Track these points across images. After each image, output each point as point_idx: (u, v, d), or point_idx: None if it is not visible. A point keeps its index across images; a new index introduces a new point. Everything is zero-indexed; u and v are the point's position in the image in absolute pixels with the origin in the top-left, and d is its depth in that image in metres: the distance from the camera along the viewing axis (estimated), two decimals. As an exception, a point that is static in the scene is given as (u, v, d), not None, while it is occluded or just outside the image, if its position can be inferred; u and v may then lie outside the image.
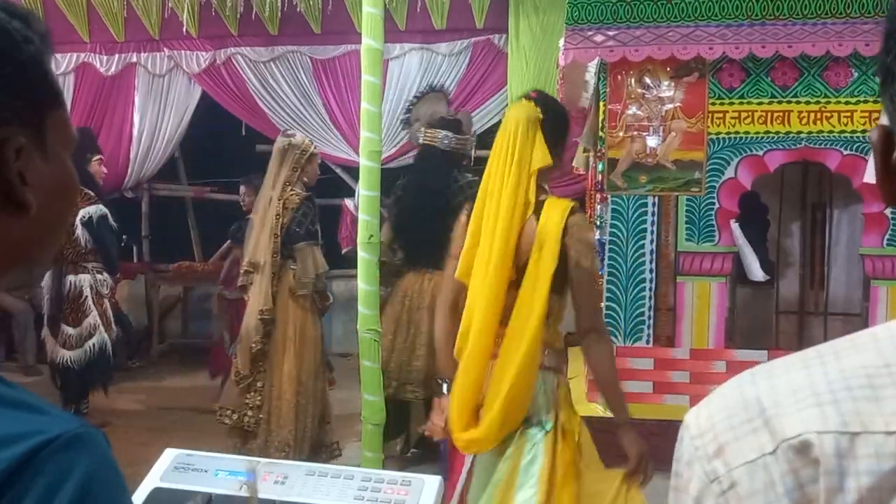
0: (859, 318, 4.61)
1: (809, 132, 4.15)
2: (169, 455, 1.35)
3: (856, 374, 0.56)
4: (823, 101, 4.15)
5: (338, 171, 7.36)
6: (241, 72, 7.04)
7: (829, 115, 4.14)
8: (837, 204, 4.98)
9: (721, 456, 0.57)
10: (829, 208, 5.21)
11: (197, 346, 7.17)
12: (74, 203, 0.79)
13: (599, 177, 4.35)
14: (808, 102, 4.16)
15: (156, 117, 7.18)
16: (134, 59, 7.14)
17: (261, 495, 1.23)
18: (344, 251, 6.96)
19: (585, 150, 4.97)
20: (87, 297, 5.00)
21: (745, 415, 0.58)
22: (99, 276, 5.10)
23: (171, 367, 7.04)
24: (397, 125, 6.75)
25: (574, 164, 5.54)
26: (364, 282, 2.98)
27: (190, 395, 6.04)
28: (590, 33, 4.13)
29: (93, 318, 4.98)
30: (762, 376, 0.60)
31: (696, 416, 0.61)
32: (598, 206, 4.37)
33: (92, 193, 5.06)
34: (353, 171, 7.15)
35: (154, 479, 1.29)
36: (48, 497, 0.58)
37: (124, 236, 5.87)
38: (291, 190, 3.94)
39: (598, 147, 4.37)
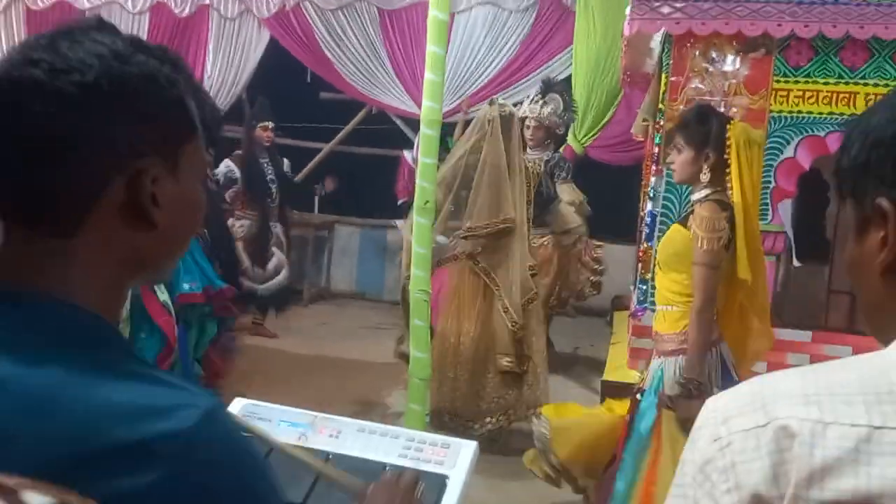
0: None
1: (875, 115, 4.08)
2: (238, 404, 1.48)
3: (837, 386, 0.77)
4: (893, 83, 4.06)
5: (398, 122, 7.46)
6: (308, 19, 7.13)
7: (897, 98, 4.06)
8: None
9: (725, 424, 0.79)
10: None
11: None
12: (199, 221, 0.92)
13: (656, 149, 4.36)
14: (876, 85, 4.08)
15: (226, 60, 7.35)
16: (206, 1, 7.29)
17: (316, 447, 1.36)
18: (400, 202, 7.12)
19: (645, 120, 4.97)
20: None
21: (750, 401, 0.79)
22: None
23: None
24: (459, 80, 6.81)
25: (633, 130, 5.53)
26: (418, 244, 3.11)
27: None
28: (657, 4, 4.10)
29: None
30: (769, 379, 0.82)
31: (715, 400, 0.84)
32: (654, 178, 4.39)
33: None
34: (412, 122, 7.25)
35: None
36: (211, 466, 0.71)
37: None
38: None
39: (657, 119, 4.37)
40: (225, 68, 7.36)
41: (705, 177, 2.71)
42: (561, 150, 6.56)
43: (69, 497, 0.66)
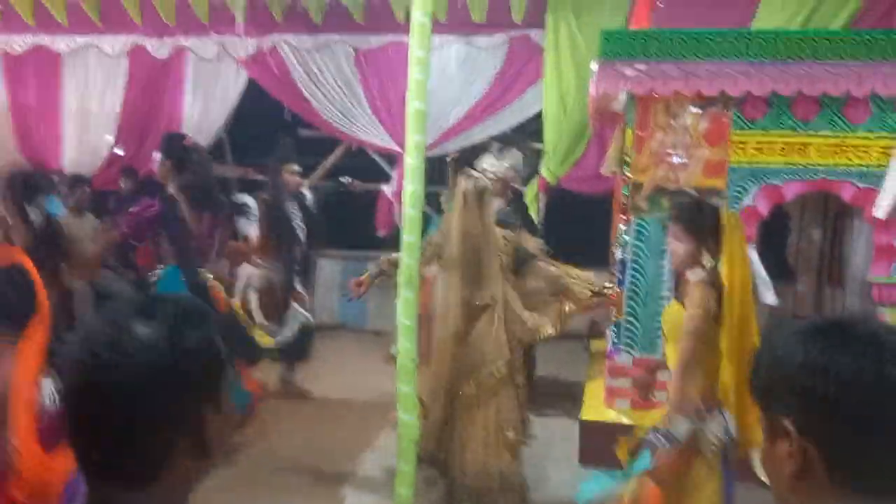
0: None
1: (827, 164, 4.37)
2: None
3: None
4: (842, 135, 4.35)
5: (376, 157, 7.67)
6: (285, 59, 7.31)
7: (846, 148, 4.35)
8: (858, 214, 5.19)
9: None
10: (850, 218, 5.43)
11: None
12: (233, 434, 1.16)
13: (624, 199, 4.60)
14: (826, 136, 4.37)
15: (204, 100, 7.50)
16: (184, 44, 7.43)
17: None
18: (380, 234, 7.34)
19: (613, 172, 5.21)
20: None
21: None
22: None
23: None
24: (434, 117, 7.00)
25: (602, 171, 5.77)
26: (405, 317, 3.32)
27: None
28: (621, 67, 4.35)
29: None
30: None
31: None
32: (621, 227, 4.64)
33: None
34: (390, 157, 7.46)
35: None
36: None
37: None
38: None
39: (623, 171, 4.61)
40: (203, 109, 7.51)
41: (707, 262, 3.06)
42: (533, 182, 6.82)
43: None
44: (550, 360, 6.44)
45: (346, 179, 7.17)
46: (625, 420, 4.49)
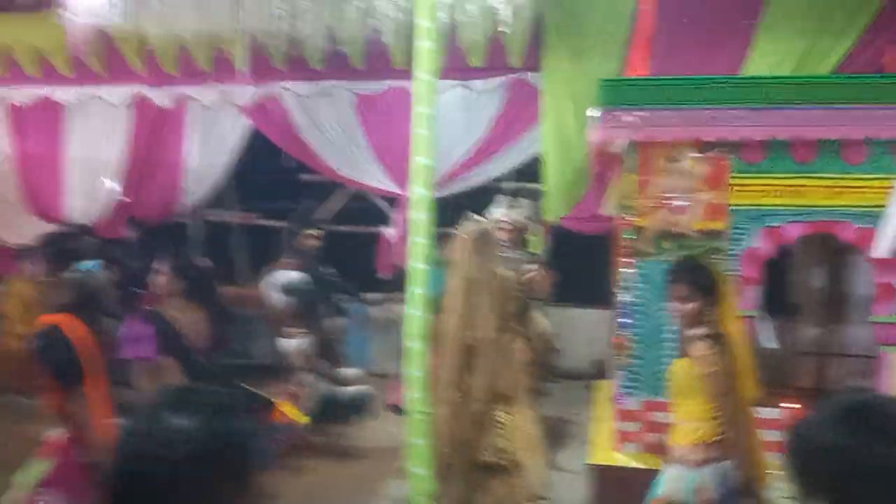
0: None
1: (826, 206, 4.42)
2: None
3: None
4: (840, 176, 4.41)
5: (377, 201, 7.73)
6: (286, 106, 7.39)
7: (845, 190, 4.41)
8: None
9: None
10: (853, 254, 5.47)
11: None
12: None
13: (625, 242, 4.65)
14: (825, 178, 4.43)
15: (207, 147, 7.57)
16: (186, 93, 7.53)
17: None
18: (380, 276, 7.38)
19: (612, 218, 5.28)
20: None
21: None
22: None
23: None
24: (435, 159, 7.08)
25: (604, 212, 5.83)
26: (415, 369, 3.35)
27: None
28: (620, 114, 4.43)
29: None
30: None
31: None
32: (623, 270, 4.68)
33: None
34: (390, 200, 7.52)
35: None
36: None
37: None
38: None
39: (625, 215, 4.66)
40: (206, 156, 7.58)
41: (710, 318, 3.18)
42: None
43: None
44: (553, 402, 6.44)
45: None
46: (635, 464, 4.50)
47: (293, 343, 5.58)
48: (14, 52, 7.58)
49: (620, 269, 4.70)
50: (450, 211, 7.09)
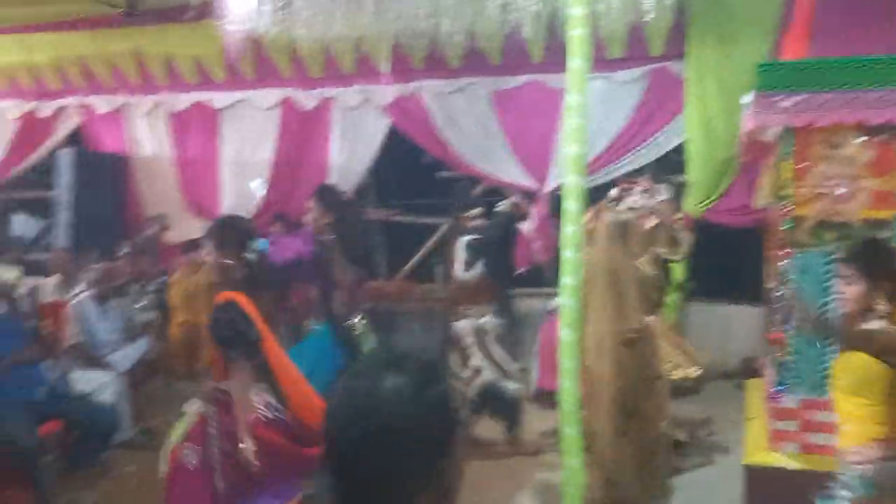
0: None
1: None
2: None
3: None
4: None
5: (515, 196, 7.74)
6: (425, 104, 7.54)
7: None
8: None
9: None
10: None
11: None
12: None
13: (782, 233, 4.45)
14: None
15: (349, 146, 7.84)
16: (330, 94, 7.82)
17: None
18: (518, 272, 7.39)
19: (766, 205, 5.06)
20: None
21: None
22: None
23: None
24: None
25: (755, 205, 5.61)
26: (567, 358, 3.33)
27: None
28: (777, 99, 4.24)
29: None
30: None
31: None
32: (782, 262, 4.48)
33: None
34: (528, 195, 7.51)
35: None
36: None
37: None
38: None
39: (782, 204, 4.46)
40: (348, 155, 7.85)
41: (881, 307, 2.87)
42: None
43: None
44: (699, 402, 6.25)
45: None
46: (792, 465, 4.30)
47: (470, 323, 5.20)
48: (176, 59, 8.10)
49: (777, 262, 4.50)
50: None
